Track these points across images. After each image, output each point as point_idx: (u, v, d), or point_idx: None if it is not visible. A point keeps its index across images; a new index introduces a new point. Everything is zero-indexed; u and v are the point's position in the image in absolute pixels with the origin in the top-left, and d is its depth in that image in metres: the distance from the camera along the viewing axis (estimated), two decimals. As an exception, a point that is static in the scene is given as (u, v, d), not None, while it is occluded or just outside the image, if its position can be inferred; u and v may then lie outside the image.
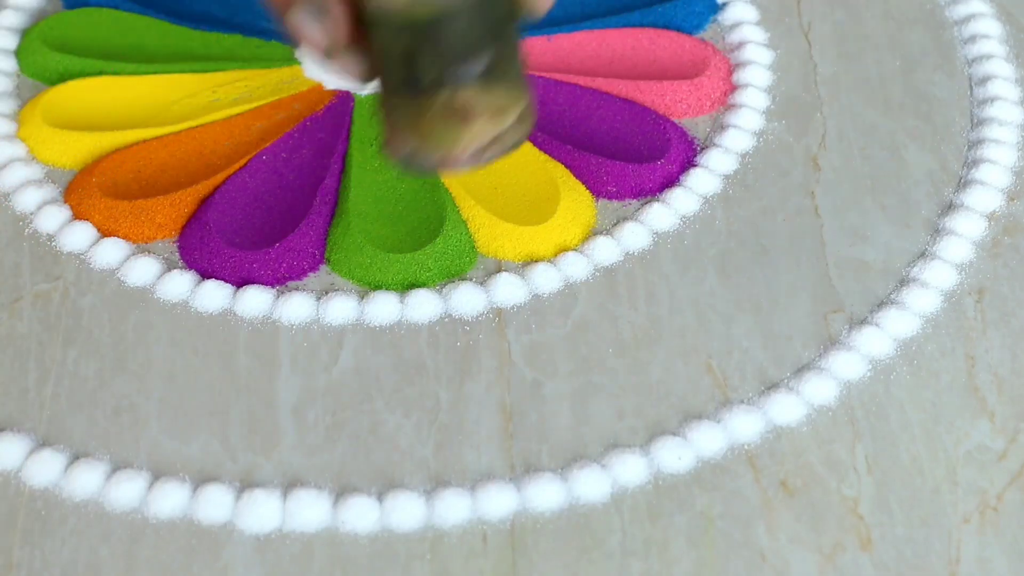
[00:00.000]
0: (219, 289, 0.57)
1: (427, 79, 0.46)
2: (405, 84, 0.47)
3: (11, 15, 0.68)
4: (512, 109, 0.48)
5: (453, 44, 0.46)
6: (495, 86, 0.47)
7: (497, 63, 0.47)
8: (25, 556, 0.50)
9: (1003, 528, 0.50)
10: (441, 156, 0.48)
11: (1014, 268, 0.58)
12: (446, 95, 0.46)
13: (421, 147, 0.48)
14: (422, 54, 0.46)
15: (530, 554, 0.50)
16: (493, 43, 0.46)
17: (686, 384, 0.54)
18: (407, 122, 0.47)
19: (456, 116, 0.47)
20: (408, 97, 0.47)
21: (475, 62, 0.46)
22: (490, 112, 0.47)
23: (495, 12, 0.46)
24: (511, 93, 0.47)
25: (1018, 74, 0.65)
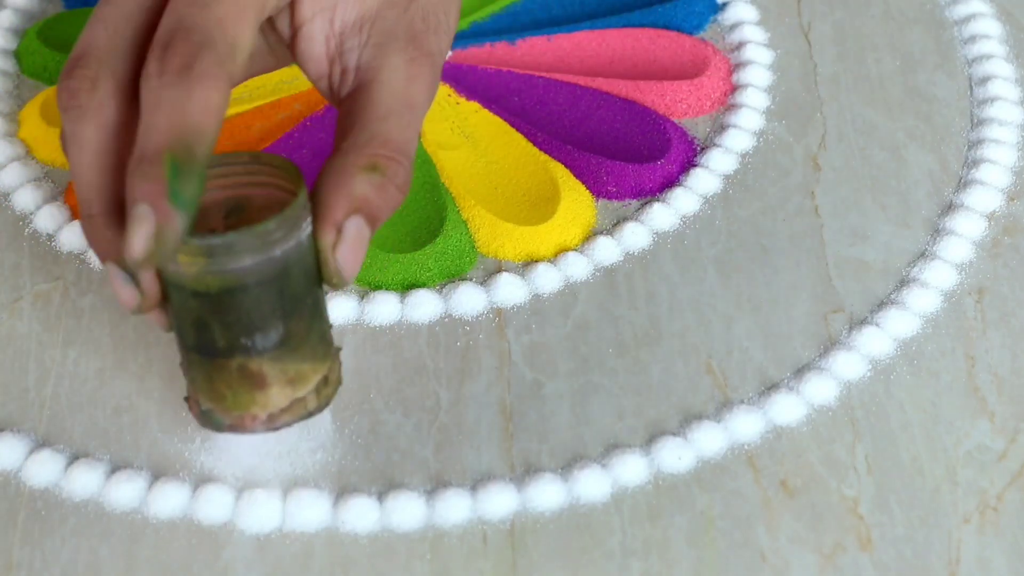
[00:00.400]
0: (219, 289, 0.57)
1: (219, 346, 0.46)
2: (197, 347, 0.47)
3: (11, 15, 0.68)
4: (309, 378, 0.48)
5: (244, 316, 0.46)
6: (290, 356, 0.47)
7: (292, 335, 0.47)
8: (25, 556, 0.50)
9: (1003, 528, 0.50)
10: (235, 417, 0.48)
11: (1014, 268, 0.58)
12: (238, 363, 0.46)
13: (216, 408, 0.48)
14: (213, 322, 0.46)
15: (530, 554, 0.50)
16: (286, 317, 0.46)
17: (686, 384, 0.54)
18: (202, 382, 0.48)
19: (248, 383, 0.47)
20: (200, 359, 0.47)
21: (268, 335, 0.46)
22: (284, 380, 0.47)
23: (289, 288, 0.46)
24: (307, 364, 0.47)
25: (1018, 74, 0.65)
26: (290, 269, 0.46)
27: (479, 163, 0.61)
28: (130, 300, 0.46)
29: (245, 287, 0.45)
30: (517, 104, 0.64)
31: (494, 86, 0.64)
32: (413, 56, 0.49)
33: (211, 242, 0.44)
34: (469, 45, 0.66)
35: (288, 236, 0.45)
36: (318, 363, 0.48)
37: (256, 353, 0.46)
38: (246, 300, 0.45)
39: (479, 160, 0.61)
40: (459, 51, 0.66)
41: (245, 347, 0.46)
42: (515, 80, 0.65)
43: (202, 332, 0.46)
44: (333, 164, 0.47)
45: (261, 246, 0.45)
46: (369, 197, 0.46)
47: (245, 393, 0.47)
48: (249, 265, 0.45)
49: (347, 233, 0.46)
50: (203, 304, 0.45)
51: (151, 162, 0.43)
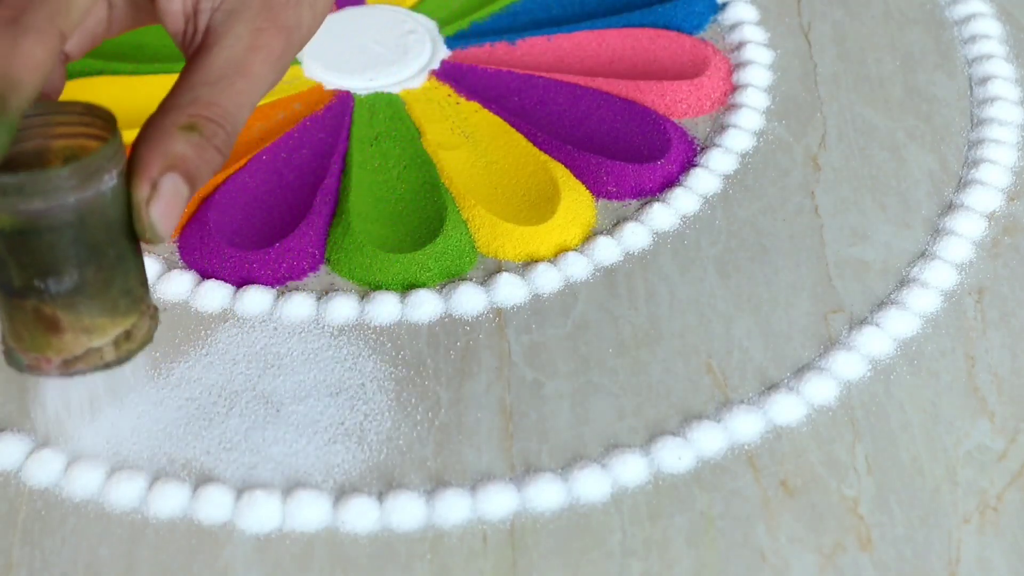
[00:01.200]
0: (219, 289, 0.57)
1: (15, 284, 0.46)
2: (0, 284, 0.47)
3: (11, 15, 0.68)
4: (106, 329, 0.47)
5: (37, 258, 0.46)
6: (85, 304, 0.47)
7: (87, 283, 0.46)
8: (25, 556, 0.50)
9: (1003, 528, 0.50)
10: (33, 358, 0.47)
11: (1014, 268, 0.58)
12: (33, 304, 0.46)
13: (17, 347, 0.48)
14: (9, 260, 0.46)
15: (530, 554, 0.50)
16: (82, 266, 0.46)
17: (686, 384, 0.54)
18: (5, 320, 0.47)
19: (43, 324, 0.47)
20: (4, 296, 0.47)
21: (61, 280, 0.46)
22: (79, 328, 0.47)
23: (86, 237, 0.46)
24: (105, 314, 0.47)
25: (1018, 74, 0.65)
26: (87, 218, 0.46)
27: (479, 163, 0.61)
28: None
29: (37, 230, 0.45)
30: (517, 104, 0.64)
31: (494, 86, 0.64)
32: (262, 27, 0.49)
33: (3, 181, 0.44)
34: (469, 45, 0.66)
35: (84, 184, 0.45)
36: (119, 316, 0.48)
37: (49, 297, 0.46)
38: (39, 243, 0.45)
39: (479, 160, 0.61)
40: (459, 51, 0.66)
41: (38, 289, 0.46)
42: (515, 80, 0.65)
43: (1, 270, 0.46)
44: (154, 121, 0.47)
45: (52, 191, 0.45)
46: (187, 155, 0.46)
47: (40, 335, 0.47)
48: (39, 208, 0.45)
49: (163, 189, 0.46)
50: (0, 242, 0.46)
51: None
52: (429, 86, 0.64)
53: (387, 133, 0.62)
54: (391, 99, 0.64)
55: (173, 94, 0.48)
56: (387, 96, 0.64)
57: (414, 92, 0.64)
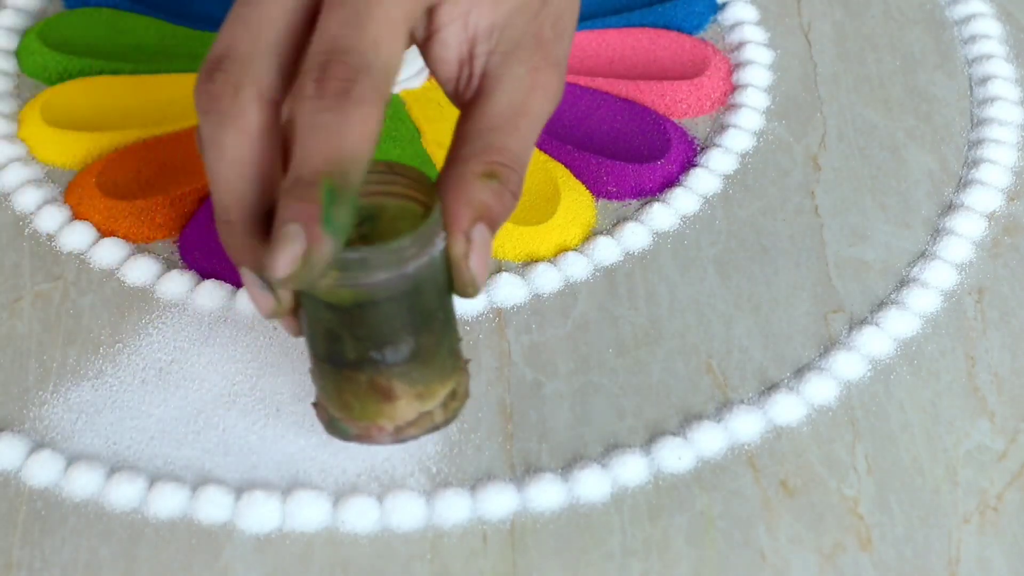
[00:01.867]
0: (219, 289, 0.57)
1: (349, 358, 0.46)
2: (327, 358, 0.47)
3: (11, 15, 0.68)
4: (437, 392, 0.48)
5: (375, 330, 0.46)
6: (418, 370, 0.47)
7: (422, 349, 0.47)
8: (25, 556, 0.50)
9: (1003, 528, 0.50)
10: (362, 427, 0.48)
11: (1014, 268, 0.58)
12: (367, 375, 0.46)
13: (343, 417, 0.48)
14: (344, 334, 0.46)
15: (530, 554, 0.50)
16: (417, 332, 0.46)
17: (686, 384, 0.54)
18: (331, 391, 0.48)
19: (377, 395, 0.47)
20: (330, 368, 0.47)
21: (398, 348, 0.46)
22: (412, 394, 0.47)
23: (421, 303, 0.46)
24: (436, 378, 0.47)
25: (1018, 74, 0.65)
26: (422, 284, 0.46)
27: (479, 163, 0.61)
28: (266, 307, 0.46)
29: (376, 302, 0.45)
30: (517, 104, 0.64)
31: (494, 86, 0.64)
32: (538, 65, 0.49)
33: (346, 257, 0.44)
34: (469, 45, 0.66)
35: (421, 252, 0.45)
36: (446, 377, 0.48)
37: (385, 367, 0.46)
38: (377, 315, 0.45)
39: (479, 160, 0.61)
40: (459, 51, 0.66)
41: (375, 360, 0.46)
42: (515, 80, 0.65)
43: (333, 343, 0.46)
44: (453, 172, 0.47)
45: (395, 262, 0.45)
46: (489, 204, 0.47)
47: (373, 405, 0.47)
48: (382, 280, 0.45)
49: (475, 241, 0.46)
50: (335, 316, 0.45)
51: (307, 185, 0.43)
52: (429, 86, 0.64)
53: (387, 133, 0.62)
54: (391, 99, 0.64)
55: (463, 142, 0.48)
56: (387, 96, 0.64)
57: (414, 92, 0.64)
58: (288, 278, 0.43)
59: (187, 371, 0.55)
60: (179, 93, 0.64)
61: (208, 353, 0.55)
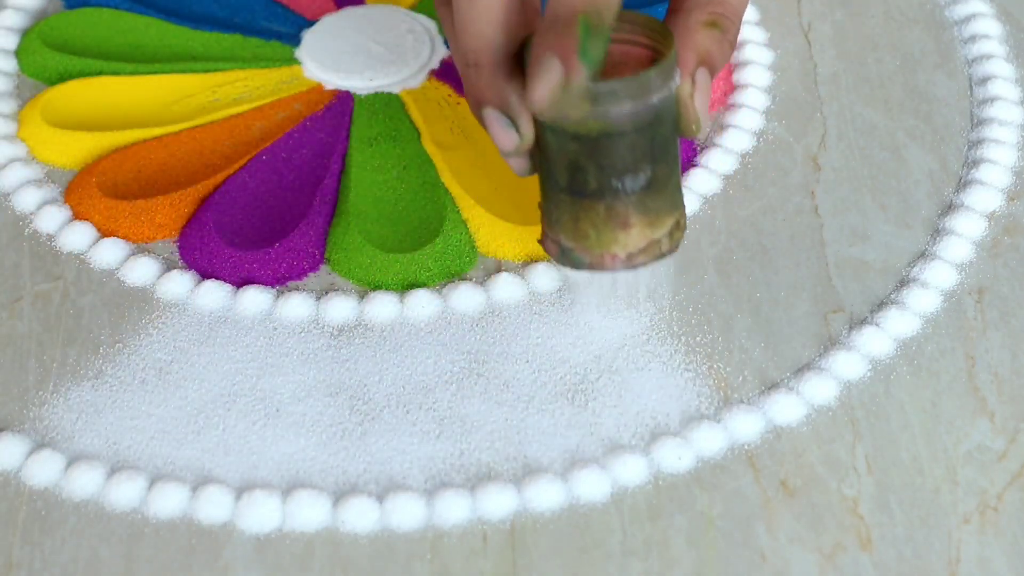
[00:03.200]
0: (219, 289, 0.57)
1: (591, 187, 0.49)
2: (568, 188, 0.50)
3: (11, 15, 0.68)
4: (665, 221, 0.50)
5: (618, 159, 0.49)
6: (652, 199, 0.50)
7: (656, 179, 0.50)
8: (25, 556, 0.50)
9: (1003, 528, 0.50)
10: (596, 256, 0.50)
11: (1014, 268, 0.58)
12: (606, 203, 0.49)
13: (577, 247, 0.50)
14: (588, 164, 0.49)
15: (530, 554, 0.50)
16: (654, 161, 0.49)
17: (686, 384, 0.54)
18: (567, 222, 0.50)
19: (613, 222, 0.50)
20: (569, 199, 0.50)
21: (637, 177, 0.49)
22: (645, 222, 0.50)
23: (659, 133, 0.49)
24: (665, 207, 0.50)
25: (1018, 74, 0.65)
26: (662, 116, 0.49)
27: (479, 163, 0.61)
28: (509, 143, 0.50)
29: (623, 132, 0.48)
30: (517, 104, 0.64)
31: (494, 86, 0.64)
32: None
33: (598, 88, 0.47)
34: (469, 45, 0.66)
35: (663, 85, 0.49)
36: (673, 208, 0.51)
37: (624, 195, 0.49)
38: (622, 144, 0.49)
39: (479, 160, 0.61)
40: (459, 51, 0.66)
41: (615, 189, 0.49)
42: (515, 80, 0.64)
43: (576, 174, 0.49)
44: (678, 21, 0.51)
45: (641, 93, 0.48)
46: (711, 50, 0.51)
47: (609, 233, 0.50)
48: (629, 111, 0.48)
49: (699, 83, 0.50)
50: (581, 147, 0.49)
51: (566, 22, 0.47)
52: (429, 86, 0.64)
53: (387, 133, 0.62)
54: (391, 99, 0.64)
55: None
56: (387, 96, 0.64)
57: (414, 92, 0.64)
58: (545, 107, 0.47)
59: (187, 371, 0.55)
60: (179, 93, 0.64)
61: (208, 353, 0.55)
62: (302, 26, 0.67)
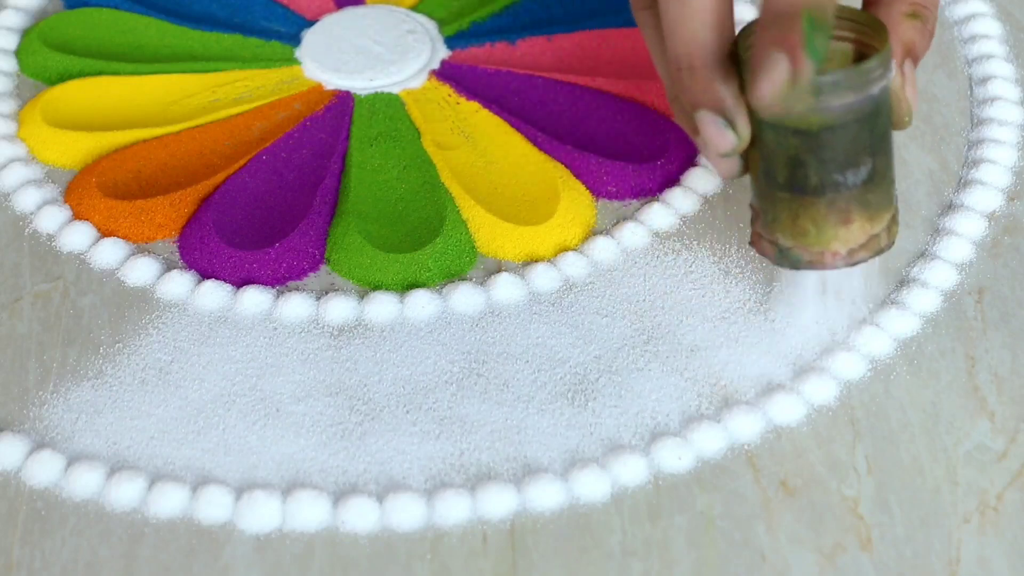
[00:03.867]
0: (219, 289, 0.57)
1: (811, 183, 0.50)
2: (788, 185, 0.50)
3: (11, 15, 0.68)
4: (883, 215, 0.51)
5: (840, 153, 0.49)
6: (872, 193, 0.50)
7: (876, 172, 0.50)
8: (25, 556, 0.50)
9: (1003, 528, 0.50)
10: (816, 253, 0.51)
11: (1014, 268, 0.58)
12: (828, 199, 0.50)
13: (796, 245, 0.51)
14: (810, 159, 0.49)
15: (530, 554, 0.50)
16: (874, 155, 0.50)
17: (686, 384, 0.54)
18: (785, 220, 0.51)
19: (835, 218, 0.50)
20: (788, 196, 0.50)
21: (858, 171, 0.50)
22: (865, 216, 0.50)
23: (878, 125, 0.50)
24: (884, 200, 0.51)
25: (1018, 74, 0.65)
26: (881, 106, 0.50)
27: (479, 163, 0.61)
28: (727, 144, 0.50)
29: (845, 124, 0.49)
30: (517, 104, 0.64)
31: (494, 86, 0.64)
32: None
33: (821, 80, 0.48)
34: (469, 45, 0.66)
35: (882, 76, 0.49)
36: (891, 202, 0.51)
37: (846, 189, 0.50)
38: (844, 137, 0.49)
39: (479, 160, 0.61)
40: (459, 51, 0.66)
41: (836, 183, 0.50)
42: (515, 80, 0.65)
43: (796, 170, 0.50)
44: (880, 13, 0.52)
45: (863, 84, 0.49)
46: (915, 41, 0.52)
47: (830, 229, 0.50)
48: (850, 102, 0.49)
49: (907, 74, 0.51)
50: (802, 142, 0.49)
51: (790, 18, 0.47)
52: (429, 86, 0.65)
53: (387, 133, 0.62)
54: (391, 99, 0.64)
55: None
56: (387, 96, 0.64)
57: (414, 92, 0.64)
58: (771, 102, 0.48)
59: (187, 371, 0.55)
60: (179, 93, 0.64)
61: (208, 353, 0.55)
62: (302, 26, 0.67)
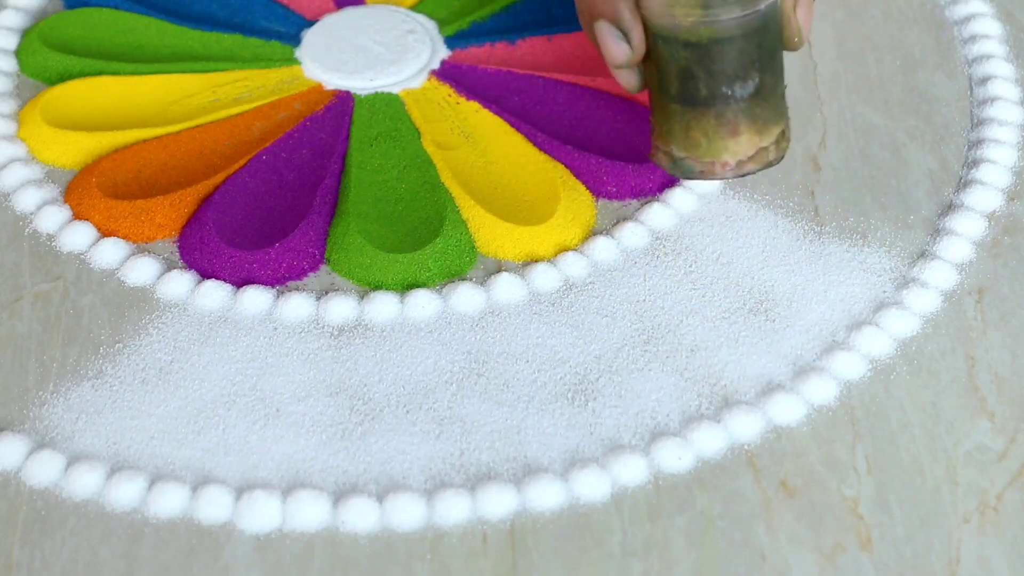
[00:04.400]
0: (219, 289, 0.57)
1: (701, 94, 0.52)
2: (679, 97, 0.53)
3: (11, 15, 0.68)
4: (771, 130, 0.53)
5: (728, 65, 0.52)
6: (760, 107, 0.53)
7: (763, 86, 0.53)
8: (25, 556, 0.50)
9: (1003, 528, 0.50)
10: (707, 164, 0.53)
11: (1014, 268, 0.58)
12: (716, 111, 0.52)
13: (688, 156, 0.53)
14: (699, 71, 0.52)
15: (530, 554, 0.50)
16: (761, 69, 0.52)
17: (686, 384, 0.54)
18: (678, 131, 0.53)
19: (723, 130, 0.53)
20: (680, 108, 0.53)
21: (745, 84, 0.52)
22: (754, 130, 0.53)
23: (765, 40, 0.52)
24: (772, 115, 0.53)
25: (1018, 74, 0.65)
26: (768, 23, 0.52)
27: (479, 163, 0.61)
28: (621, 55, 0.54)
29: (732, 37, 0.52)
30: (517, 104, 0.64)
31: (494, 86, 0.64)
32: None
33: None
34: (469, 45, 0.66)
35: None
36: (779, 117, 0.54)
37: (734, 101, 0.52)
38: (731, 50, 0.52)
39: (479, 160, 0.61)
40: (459, 51, 0.66)
41: (724, 95, 0.52)
42: (515, 80, 0.65)
43: (687, 82, 0.53)
44: None
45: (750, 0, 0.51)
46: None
47: (719, 141, 0.53)
48: (738, 16, 0.51)
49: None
50: (692, 54, 0.52)
51: None
52: (429, 86, 0.64)
53: (387, 133, 0.62)
54: (391, 99, 0.64)
55: None
56: (387, 96, 0.64)
57: (414, 92, 0.64)
58: (658, 11, 0.50)
59: (187, 371, 0.55)
60: (179, 93, 0.64)
61: (208, 353, 0.55)
62: (302, 26, 0.67)
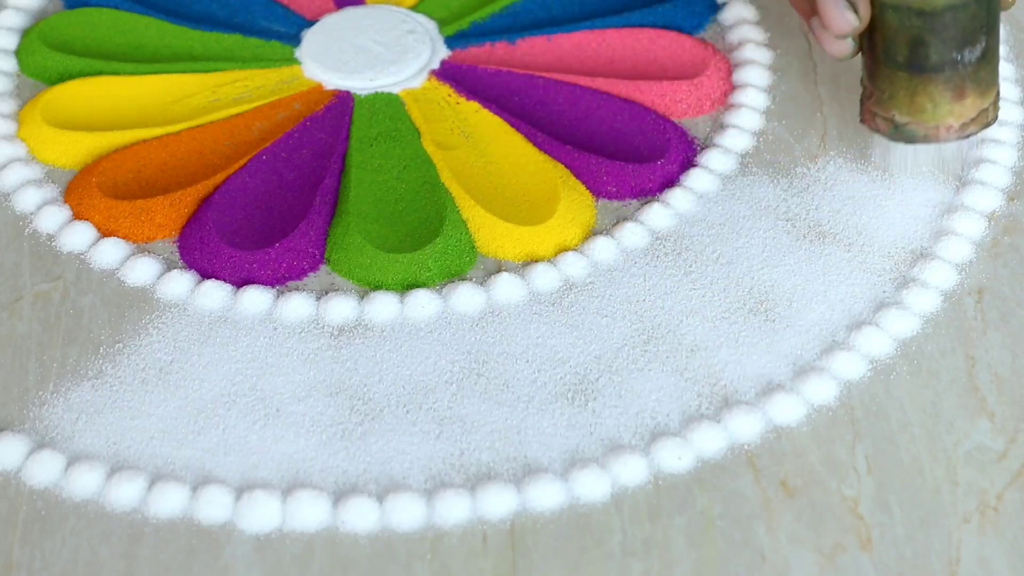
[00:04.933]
0: (219, 289, 0.57)
1: (931, 61, 0.54)
2: (908, 64, 0.54)
3: (11, 15, 0.68)
4: (991, 92, 0.55)
5: (961, 31, 0.53)
6: (984, 69, 0.54)
7: (989, 49, 0.54)
8: (25, 556, 0.50)
9: (1003, 528, 0.50)
10: (931, 128, 0.55)
11: (1014, 268, 0.58)
12: (945, 76, 0.54)
13: (912, 120, 0.55)
14: (931, 39, 0.53)
15: (530, 554, 0.50)
16: (988, 33, 0.54)
17: (686, 384, 0.54)
18: (903, 97, 0.55)
19: (951, 94, 0.54)
20: (907, 75, 0.54)
21: (974, 48, 0.54)
22: (977, 92, 0.54)
23: (993, 4, 0.53)
24: (993, 76, 0.55)
25: (1018, 74, 0.65)
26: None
27: (479, 163, 0.61)
28: (847, 24, 0.55)
29: (967, 3, 0.53)
30: (517, 104, 0.64)
31: (494, 86, 0.64)
32: None
33: None
34: (469, 45, 0.66)
35: None
36: (997, 78, 0.56)
37: (962, 67, 0.55)
38: (965, 16, 0.54)
39: (479, 160, 0.61)
40: (459, 51, 0.66)
41: (954, 61, 0.54)
42: (515, 80, 0.65)
43: (916, 49, 0.54)
44: None
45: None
46: None
47: (945, 105, 0.55)
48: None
49: None
50: (924, 23, 0.54)
51: None
52: (429, 86, 0.65)
53: (387, 133, 0.62)
54: (391, 99, 0.64)
55: None
56: (387, 96, 0.64)
57: (414, 92, 0.64)
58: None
59: (187, 371, 0.55)
60: (179, 93, 0.64)
61: (208, 353, 0.55)
62: (302, 26, 0.67)
